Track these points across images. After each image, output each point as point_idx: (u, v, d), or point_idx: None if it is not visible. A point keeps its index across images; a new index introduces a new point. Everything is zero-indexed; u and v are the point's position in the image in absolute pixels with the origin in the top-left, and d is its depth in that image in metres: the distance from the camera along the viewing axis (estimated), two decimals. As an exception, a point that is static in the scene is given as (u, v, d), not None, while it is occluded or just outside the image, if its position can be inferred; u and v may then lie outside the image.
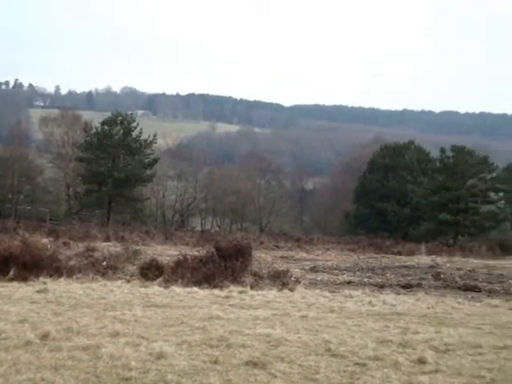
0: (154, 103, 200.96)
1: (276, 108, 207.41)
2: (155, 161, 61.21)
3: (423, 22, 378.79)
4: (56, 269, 18.04)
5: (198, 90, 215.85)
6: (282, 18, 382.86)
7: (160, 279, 17.73)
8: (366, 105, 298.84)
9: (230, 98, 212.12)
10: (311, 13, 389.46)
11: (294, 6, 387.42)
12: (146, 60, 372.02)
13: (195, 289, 16.17)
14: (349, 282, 20.70)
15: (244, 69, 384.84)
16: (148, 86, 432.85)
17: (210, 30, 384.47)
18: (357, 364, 8.24)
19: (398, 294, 17.77)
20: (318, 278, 21.55)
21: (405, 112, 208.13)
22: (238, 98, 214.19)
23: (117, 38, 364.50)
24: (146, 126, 65.48)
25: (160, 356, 8.02)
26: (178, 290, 15.86)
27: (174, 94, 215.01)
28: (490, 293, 18.64)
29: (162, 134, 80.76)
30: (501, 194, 61.53)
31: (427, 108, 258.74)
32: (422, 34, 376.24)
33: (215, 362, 7.88)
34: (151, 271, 18.47)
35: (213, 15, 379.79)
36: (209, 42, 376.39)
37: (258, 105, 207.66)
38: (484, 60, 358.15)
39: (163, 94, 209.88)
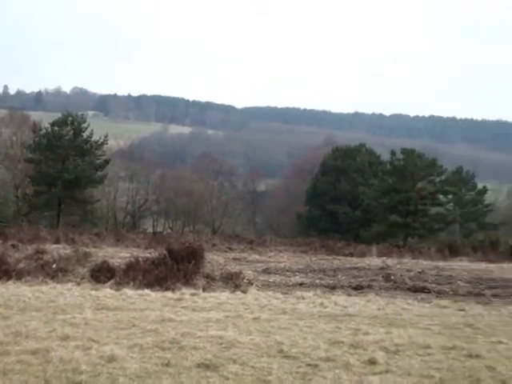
0: (106, 104, 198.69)
1: (228, 110, 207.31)
2: (106, 162, 60.58)
3: (372, 26, 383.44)
4: (4, 272, 17.75)
5: (150, 91, 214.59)
6: (233, 18, 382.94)
7: (111, 282, 17.57)
8: (318, 107, 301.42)
9: (183, 99, 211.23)
10: (254, 15, 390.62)
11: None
12: (96, 60, 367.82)
13: (147, 291, 16.07)
14: (301, 284, 20.80)
15: (195, 70, 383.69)
16: (99, 86, 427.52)
17: (160, 29, 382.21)
18: (309, 365, 8.29)
19: (349, 295, 17.93)
20: (271, 280, 21.60)
21: (356, 115, 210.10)
22: (191, 100, 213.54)
23: (67, 38, 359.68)
24: (97, 127, 64.77)
25: (111, 359, 7.94)
26: (129, 292, 15.75)
27: (126, 94, 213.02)
28: (439, 294, 18.93)
29: (113, 134, 80.00)
30: (449, 197, 62.65)
31: (378, 111, 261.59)
32: (373, 38, 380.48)
33: (167, 365, 7.85)
34: (102, 274, 18.28)
35: (161, 13, 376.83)
36: (161, 41, 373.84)
37: (210, 106, 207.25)
38: (432, 63, 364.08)
39: (114, 95, 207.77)
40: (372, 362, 8.63)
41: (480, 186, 67.98)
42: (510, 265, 37.17)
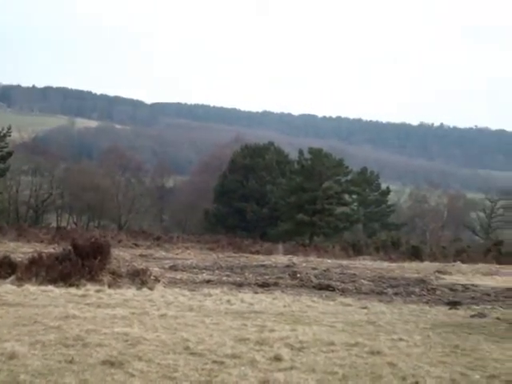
0: (9, 95, 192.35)
1: (137, 105, 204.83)
2: (9, 154, 58.75)
3: (283, 25, 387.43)
4: None
5: (57, 83, 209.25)
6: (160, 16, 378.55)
7: (12, 277, 17.08)
8: (228, 105, 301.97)
9: (90, 92, 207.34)
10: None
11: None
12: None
13: (50, 287, 15.71)
14: (208, 281, 20.81)
15: (105, 64, 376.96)
16: (2, 76, 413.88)
17: (66, 21, 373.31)
18: (215, 362, 8.29)
19: (256, 292, 18.05)
20: (178, 277, 21.52)
21: (265, 113, 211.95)
22: (98, 93, 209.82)
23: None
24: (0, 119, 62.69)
25: (12, 356, 7.72)
26: (31, 288, 15.34)
27: (30, 86, 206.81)
28: (343, 292, 19.32)
29: (16, 127, 77.64)
30: (354, 197, 64.03)
31: (286, 111, 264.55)
32: (274, 38, 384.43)
33: (71, 362, 7.68)
34: (3, 269, 17.75)
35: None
36: (67, 33, 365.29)
37: (118, 101, 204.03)
38: (339, 65, 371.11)
39: (18, 86, 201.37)
40: (277, 358, 8.71)
41: (384, 186, 69.82)
42: (411, 264, 38.41)
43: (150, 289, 17.07)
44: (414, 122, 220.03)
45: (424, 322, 13.32)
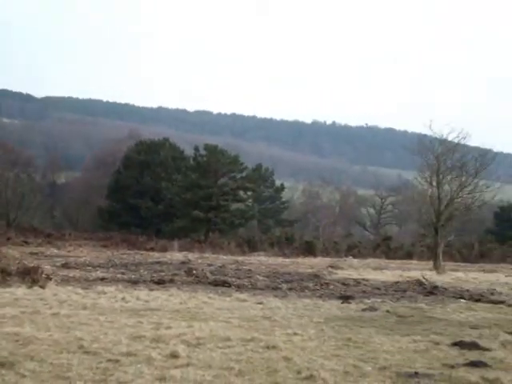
0: None
1: (26, 98, 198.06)
2: None
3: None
4: None
5: None
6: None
7: None
8: (122, 100, 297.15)
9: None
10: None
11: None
12: None
13: None
14: (102, 279, 20.47)
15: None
16: None
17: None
18: (110, 360, 8.17)
19: (152, 289, 17.90)
20: (71, 275, 21.07)
21: (160, 109, 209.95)
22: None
23: None
24: None
25: None
26: None
27: None
28: (239, 288, 19.44)
29: None
30: (249, 193, 64.48)
31: (181, 106, 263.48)
32: (167, 35, 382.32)
33: (-42, 365, 7.38)
34: None
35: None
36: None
37: (6, 94, 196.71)
38: (233, 62, 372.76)
39: None
40: (174, 355, 8.68)
41: (278, 183, 70.69)
42: (305, 259, 39.17)
43: (42, 287, 16.62)
44: (307, 120, 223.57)
45: (318, 316, 13.59)
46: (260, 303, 15.52)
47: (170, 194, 58.58)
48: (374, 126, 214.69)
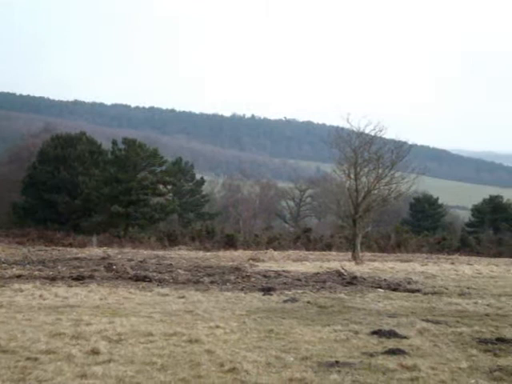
0: None
1: None
2: None
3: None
4: None
5: None
6: None
7: None
8: (36, 93, 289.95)
9: None
10: None
11: None
12: None
13: None
14: (18, 276, 19.97)
15: None
16: None
17: None
18: (28, 359, 8.01)
19: (71, 286, 17.57)
20: (-16, 273, 20.44)
21: (76, 103, 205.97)
22: None
23: None
24: None
25: None
26: None
27: None
28: (160, 282, 19.30)
29: None
30: (169, 187, 64.03)
31: (99, 100, 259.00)
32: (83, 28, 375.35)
33: None
34: None
35: None
36: None
37: None
38: (142, 56, 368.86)
39: None
40: (95, 352, 8.58)
41: (198, 177, 70.49)
42: (226, 253, 39.20)
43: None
44: (227, 114, 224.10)
45: (240, 308, 13.65)
46: (182, 297, 15.46)
47: (88, 188, 57.51)
48: (293, 119, 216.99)
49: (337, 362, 8.38)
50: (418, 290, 18.69)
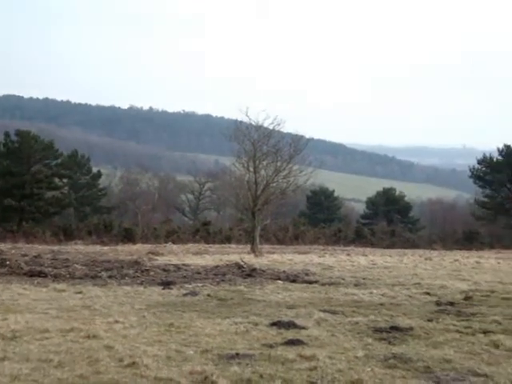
0: None
1: None
2: None
3: None
4: None
5: None
6: None
7: None
8: None
9: None
10: None
11: None
12: None
13: None
14: None
15: None
16: None
17: None
18: None
19: (-40, 283, 16.88)
20: None
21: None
22: None
23: None
24: None
25: None
26: None
27: None
28: (56, 277, 18.82)
29: None
30: (65, 180, 62.54)
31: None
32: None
33: None
34: None
35: None
36: None
37: None
38: (37, 47, 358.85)
39: None
40: (-13, 350, 8.29)
41: (95, 170, 69.11)
42: (124, 247, 38.75)
43: None
44: (124, 106, 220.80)
45: (139, 303, 13.50)
46: (79, 292, 15.13)
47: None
48: (192, 112, 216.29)
49: (237, 354, 8.41)
50: (315, 281, 19.05)
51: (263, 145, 38.18)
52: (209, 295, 15.00)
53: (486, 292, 16.93)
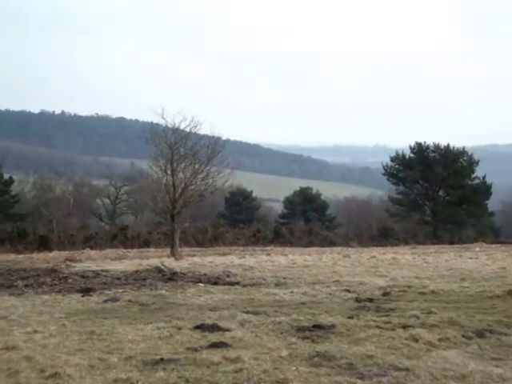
0: None
1: None
2: None
3: None
4: None
5: None
6: None
7: None
8: None
9: None
10: None
11: None
12: None
13: None
14: None
15: None
16: None
17: None
18: None
19: None
20: None
21: None
22: None
23: None
24: None
25: None
26: None
27: None
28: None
29: None
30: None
31: None
32: None
33: None
34: None
35: None
36: None
37: None
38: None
39: None
40: None
41: (6, 176, 67.21)
42: (40, 254, 37.80)
43: None
44: (35, 110, 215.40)
45: (58, 311, 13.21)
46: (-7, 304, 14.68)
47: None
48: (105, 115, 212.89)
49: (162, 359, 8.34)
50: (237, 283, 19.10)
51: (180, 147, 37.94)
52: (130, 301, 14.81)
53: (403, 287, 17.39)
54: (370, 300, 14.70)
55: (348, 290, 16.69)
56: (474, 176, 67.38)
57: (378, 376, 7.48)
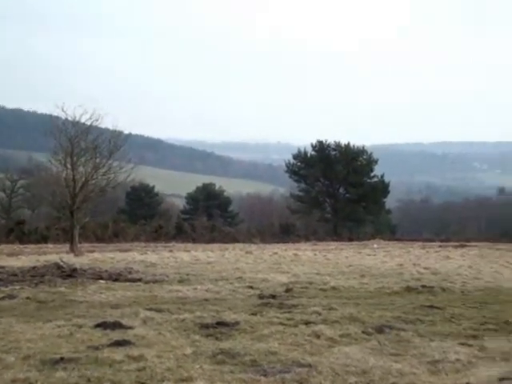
0: None
1: None
2: None
3: None
4: None
5: None
6: None
7: None
8: None
9: None
10: None
11: None
12: None
13: None
14: None
15: None
16: None
17: None
18: None
19: None
20: None
21: None
22: None
23: None
24: None
25: None
26: None
27: None
28: None
29: None
30: None
31: None
32: None
33: None
34: None
35: None
36: None
37: None
38: None
39: None
40: None
41: None
42: None
43: None
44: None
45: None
46: None
47: None
48: (1, 106, 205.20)
49: (62, 358, 8.10)
50: (139, 279, 18.88)
51: (81, 141, 37.14)
52: (28, 298, 14.34)
53: (305, 284, 17.67)
54: (273, 296, 14.83)
55: (251, 287, 16.79)
56: (372, 174, 69.23)
57: (282, 372, 7.53)
